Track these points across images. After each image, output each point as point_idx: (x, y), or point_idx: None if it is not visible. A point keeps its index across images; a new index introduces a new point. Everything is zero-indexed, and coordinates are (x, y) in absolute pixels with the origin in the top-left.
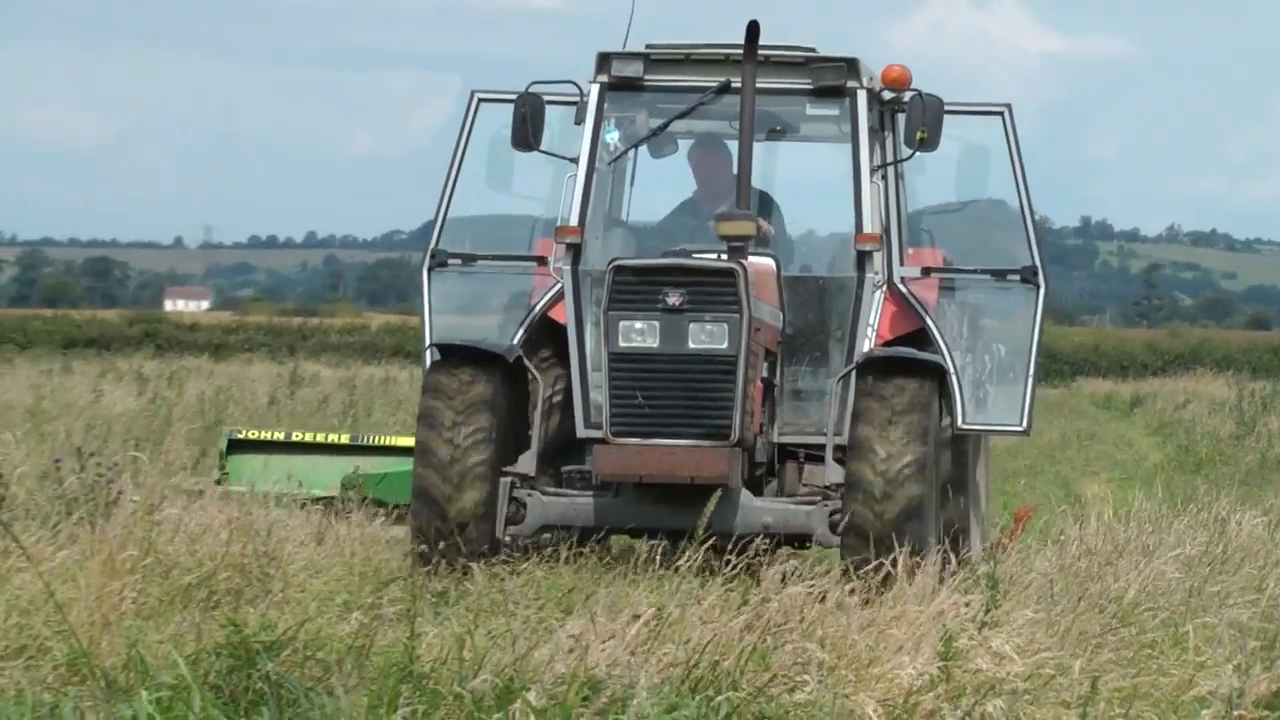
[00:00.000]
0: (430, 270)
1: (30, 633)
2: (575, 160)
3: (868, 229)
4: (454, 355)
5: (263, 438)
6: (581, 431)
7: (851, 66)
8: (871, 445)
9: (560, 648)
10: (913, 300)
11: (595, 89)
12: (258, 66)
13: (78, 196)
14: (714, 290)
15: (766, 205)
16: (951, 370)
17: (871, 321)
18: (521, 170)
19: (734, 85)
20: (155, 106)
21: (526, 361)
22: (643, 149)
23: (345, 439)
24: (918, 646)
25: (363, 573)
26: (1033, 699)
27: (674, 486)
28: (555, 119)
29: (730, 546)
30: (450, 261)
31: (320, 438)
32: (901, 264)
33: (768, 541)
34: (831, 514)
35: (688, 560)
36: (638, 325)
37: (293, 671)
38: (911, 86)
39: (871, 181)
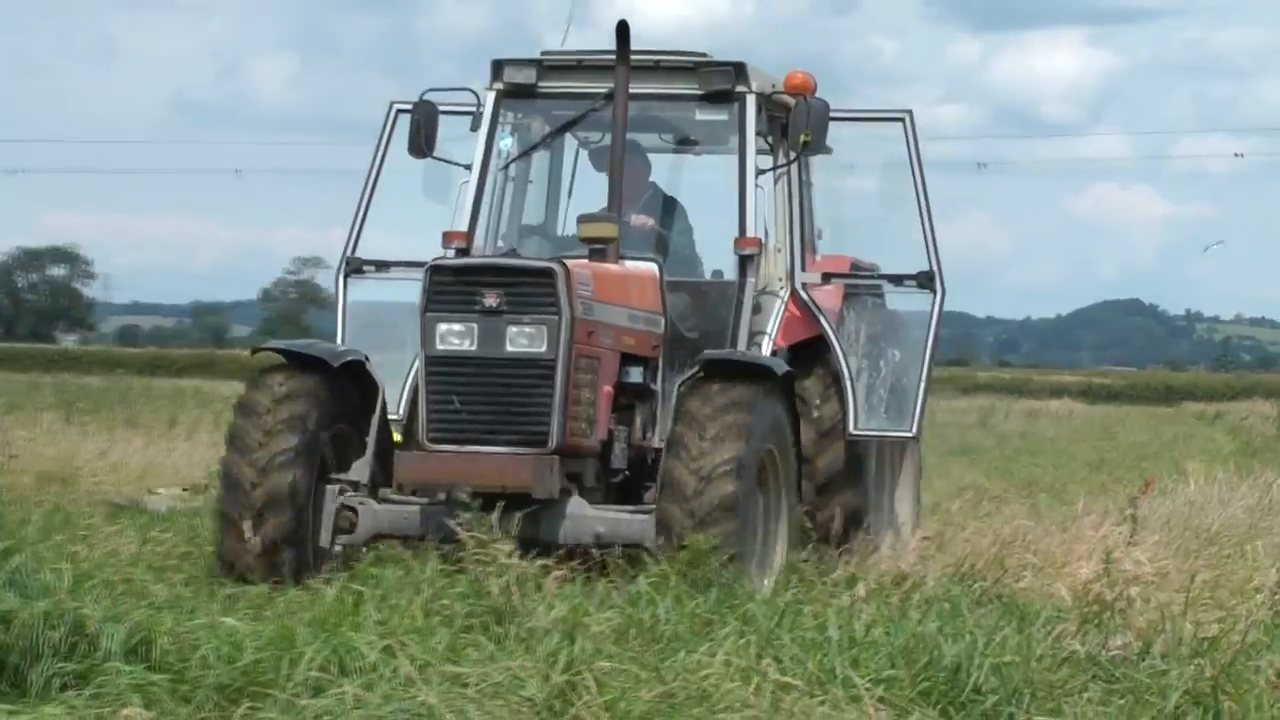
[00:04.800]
0: (346, 277)
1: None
2: (469, 167)
3: (749, 233)
4: (288, 358)
5: None
6: None
7: (739, 71)
8: (686, 443)
9: (882, 555)
10: (813, 306)
11: (490, 96)
12: None
13: None
14: (532, 291)
15: (671, 210)
16: (846, 375)
17: (768, 328)
18: (460, 182)
19: (631, 90)
20: None
21: (369, 368)
22: (584, 161)
23: None
24: (1090, 555)
25: None
26: (1157, 586)
27: (501, 495)
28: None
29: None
30: (365, 268)
31: None
32: (804, 269)
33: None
34: None
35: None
36: (455, 327)
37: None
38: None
39: (756, 185)
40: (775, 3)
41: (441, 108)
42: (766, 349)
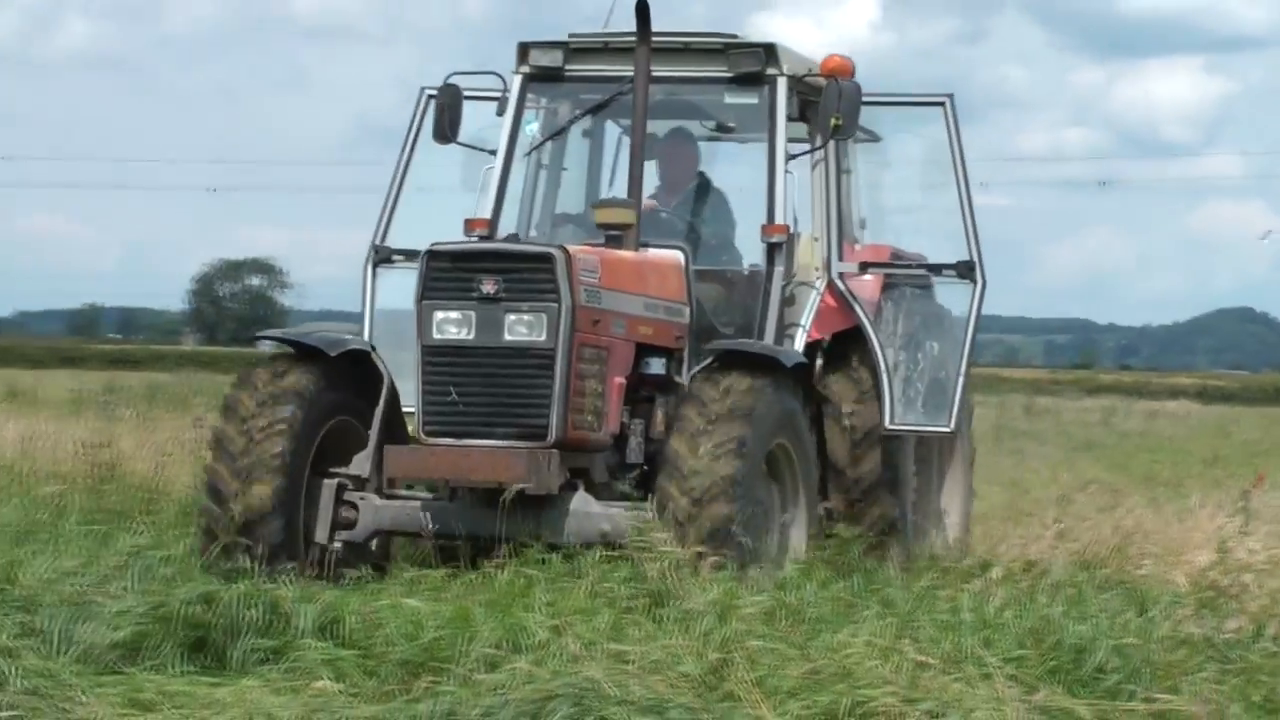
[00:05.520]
0: (374, 267)
1: None
2: (495, 152)
3: (778, 220)
4: (292, 347)
5: None
6: None
7: (770, 52)
8: (679, 461)
9: (1011, 545)
10: (849, 296)
11: (517, 80)
12: None
13: None
14: (530, 277)
15: (713, 200)
16: (883, 368)
17: (802, 320)
18: (484, 168)
19: (656, 73)
20: None
21: (375, 358)
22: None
23: None
24: (1206, 545)
25: None
26: (1268, 573)
27: (499, 490)
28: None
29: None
30: (394, 258)
31: None
32: (840, 259)
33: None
34: None
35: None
36: (452, 315)
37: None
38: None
39: (787, 171)
40: (913, 33)
41: (470, 93)
42: (800, 341)
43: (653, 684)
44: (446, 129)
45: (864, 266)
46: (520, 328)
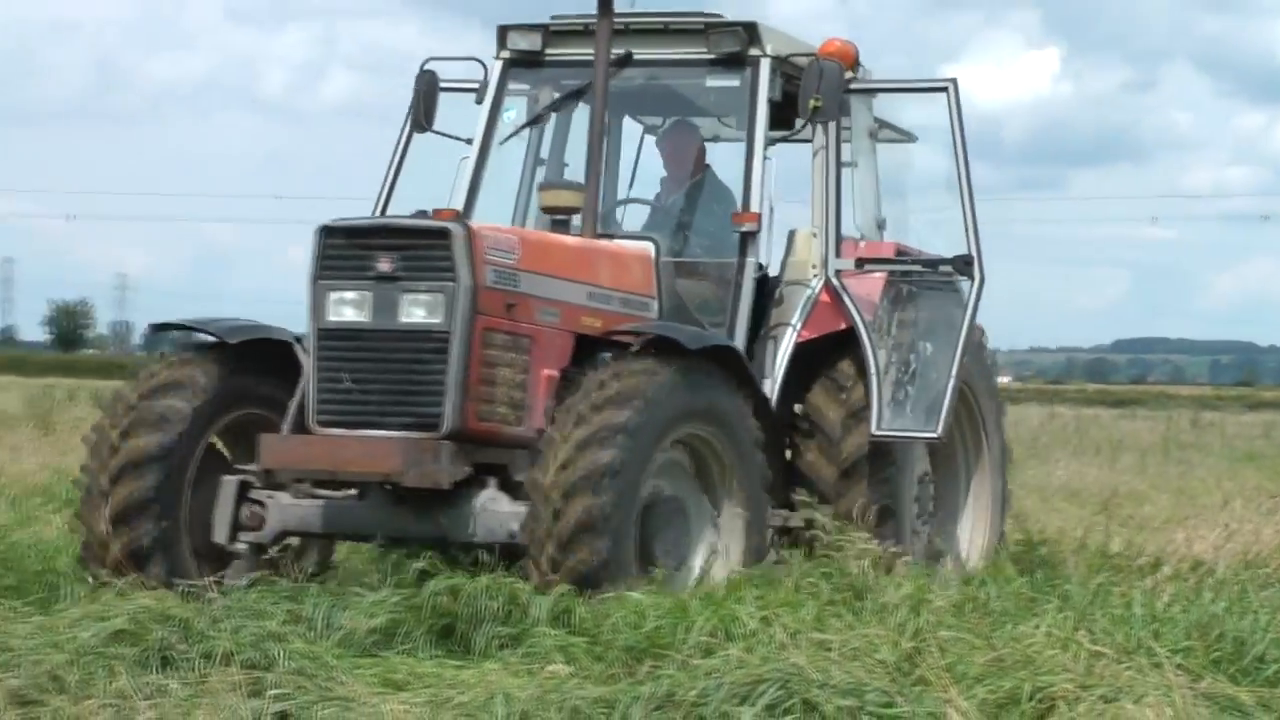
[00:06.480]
0: None
1: None
2: (471, 141)
3: (753, 207)
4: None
5: None
6: None
7: (751, 31)
8: (551, 449)
9: (1178, 545)
10: (844, 295)
11: (497, 65)
12: None
13: None
14: (427, 255)
15: (705, 190)
16: (873, 370)
17: (793, 319)
18: (460, 158)
19: (636, 56)
20: None
21: (299, 349)
22: (649, 144)
23: None
24: None
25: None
26: None
27: (415, 489)
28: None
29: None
30: None
31: None
32: (838, 256)
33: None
34: None
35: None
36: (348, 296)
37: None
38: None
39: (765, 158)
40: (1089, 82)
41: (455, 84)
42: (788, 340)
43: (852, 669)
44: (422, 117)
45: (860, 263)
46: (417, 309)
